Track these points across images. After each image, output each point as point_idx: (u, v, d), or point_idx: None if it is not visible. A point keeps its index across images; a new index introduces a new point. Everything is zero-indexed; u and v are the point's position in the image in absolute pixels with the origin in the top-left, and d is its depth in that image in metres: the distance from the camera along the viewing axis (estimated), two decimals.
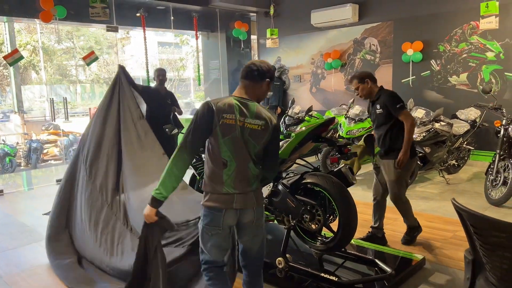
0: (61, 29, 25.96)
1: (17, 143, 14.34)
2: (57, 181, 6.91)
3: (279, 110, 9.41)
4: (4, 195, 6.25)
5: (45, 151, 14.36)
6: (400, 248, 3.79)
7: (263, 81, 2.28)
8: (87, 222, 3.52)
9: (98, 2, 5.52)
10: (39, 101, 24.04)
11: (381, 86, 3.77)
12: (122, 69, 4.27)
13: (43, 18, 6.44)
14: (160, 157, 3.62)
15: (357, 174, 4.46)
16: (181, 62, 28.78)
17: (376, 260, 3.33)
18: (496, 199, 4.85)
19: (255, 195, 2.30)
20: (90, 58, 7.05)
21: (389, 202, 3.85)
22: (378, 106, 3.67)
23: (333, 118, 3.41)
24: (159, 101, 5.34)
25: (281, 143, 3.72)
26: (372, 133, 3.96)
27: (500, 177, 4.90)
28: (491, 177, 5.01)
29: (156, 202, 2.22)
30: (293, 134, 3.50)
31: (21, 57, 6.21)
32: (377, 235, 3.90)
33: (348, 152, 3.33)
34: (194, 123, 2.19)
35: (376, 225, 3.93)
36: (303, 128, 3.54)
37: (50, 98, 7.38)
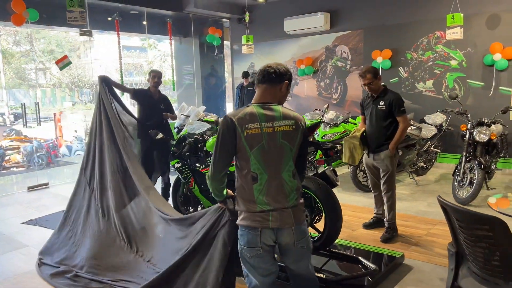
0: (19, 31, 25.08)
1: None
2: (29, 188, 6.73)
3: None
4: None
5: (7, 157, 13.82)
6: (379, 246, 3.99)
7: (282, 83, 2.13)
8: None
9: (76, 6, 5.45)
10: None
11: (385, 85, 4.11)
12: (101, 80, 4.26)
13: (15, 21, 6.27)
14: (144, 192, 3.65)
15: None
16: (149, 66, 28.43)
17: (360, 258, 3.50)
18: (463, 198, 5.18)
19: (293, 212, 2.08)
20: (63, 62, 6.91)
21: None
22: (382, 103, 4.00)
23: (318, 123, 3.58)
24: (152, 106, 5.03)
25: None
26: (359, 127, 4.20)
27: (467, 177, 5.24)
28: (458, 178, 5.33)
29: (219, 201, 2.40)
30: None
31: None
32: (381, 218, 4.37)
33: (334, 155, 3.49)
34: (218, 144, 2.07)
35: (380, 212, 4.42)
36: None
37: (22, 103, 7.17)
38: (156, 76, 5.31)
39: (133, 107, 5.62)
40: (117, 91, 4.47)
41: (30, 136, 15.49)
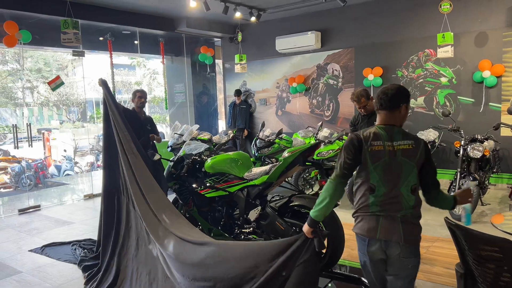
0: (7, 51, 24.95)
1: None
2: (20, 210, 6.59)
3: (246, 132, 9.58)
4: None
5: None
6: None
7: (400, 107, 2.28)
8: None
9: (70, 28, 5.44)
10: None
11: None
12: (104, 85, 4.20)
13: (7, 43, 6.22)
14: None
15: None
16: (138, 85, 28.47)
17: (362, 278, 3.48)
18: (459, 214, 5.18)
19: (403, 227, 2.17)
20: (56, 83, 6.87)
21: None
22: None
23: (319, 143, 3.60)
24: (139, 127, 4.87)
25: (267, 167, 3.84)
26: None
27: None
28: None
29: (314, 223, 2.33)
30: (280, 158, 3.62)
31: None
32: None
33: None
34: (344, 156, 2.26)
35: None
36: (286, 154, 3.68)
37: (13, 124, 7.06)
38: (142, 96, 5.20)
39: None
40: None
41: (18, 156, 15.26)
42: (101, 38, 8.23)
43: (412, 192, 2.21)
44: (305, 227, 2.36)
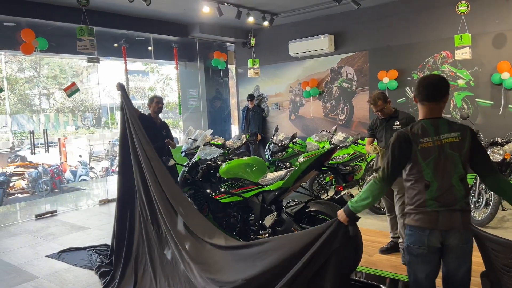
0: (24, 58, 25.44)
1: None
2: (36, 216, 6.65)
3: (259, 137, 9.54)
4: None
5: (11, 184, 13.76)
6: (399, 272, 3.88)
7: (445, 97, 2.28)
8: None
9: (86, 35, 5.49)
10: (1, 132, 23.14)
11: (394, 107, 4.18)
12: (122, 88, 4.22)
13: (24, 50, 6.32)
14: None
15: None
16: (152, 91, 28.70)
17: (382, 286, 3.40)
18: (480, 220, 5.08)
19: (462, 216, 2.19)
20: (71, 89, 6.95)
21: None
22: (397, 123, 4.01)
23: (335, 147, 3.54)
24: (154, 133, 4.91)
25: (282, 172, 3.80)
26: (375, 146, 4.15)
27: (482, 198, 5.15)
28: (474, 199, 5.24)
29: (351, 214, 2.35)
30: (296, 163, 3.57)
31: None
32: (398, 243, 4.16)
33: (352, 180, 3.44)
34: (392, 155, 2.24)
35: (396, 235, 4.21)
36: (302, 158, 3.62)
37: (30, 131, 7.16)
38: (160, 102, 5.26)
39: None
40: None
41: (35, 161, 15.47)
42: (115, 45, 8.31)
43: (461, 182, 2.23)
44: (342, 215, 2.39)
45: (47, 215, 6.75)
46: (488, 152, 5.27)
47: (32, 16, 6.47)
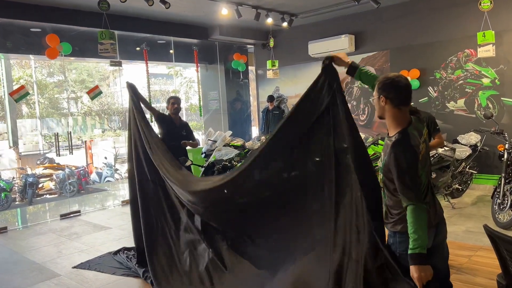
0: (53, 63, 26.21)
1: (13, 178, 14.20)
2: (61, 216, 6.85)
3: None
4: (8, 232, 6.16)
5: (40, 185, 14.22)
6: None
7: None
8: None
9: (107, 38, 5.64)
10: (31, 135, 23.95)
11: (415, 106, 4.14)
12: (131, 88, 4.31)
13: (49, 55, 6.53)
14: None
15: None
16: (175, 94, 29.08)
17: None
18: (505, 222, 4.91)
19: (441, 207, 2.24)
20: (94, 92, 7.13)
21: None
22: None
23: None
24: (174, 133, 5.04)
25: None
26: None
27: (507, 200, 4.98)
28: (498, 201, 5.08)
29: (423, 257, 1.98)
30: None
31: (27, 93, 6.23)
32: None
33: None
34: (412, 173, 2.01)
35: None
36: None
37: (55, 133, 7.39)
38: (175, 103, 5.30)
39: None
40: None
41: (63, 163, 15.94)
42: (137, 48, 8.48)
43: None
44: (415, 269, 1.97)
45: (71, 215, 6.94)
46: None
47: (57, 22, 6.69)
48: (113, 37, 5.69)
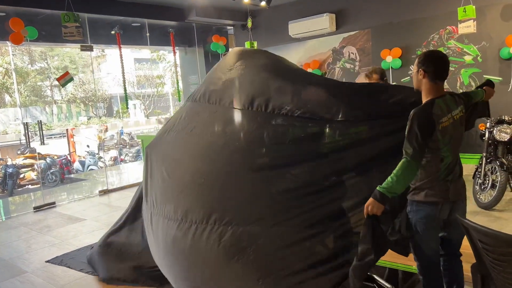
0: (34, 50, 25.49)
1: None
2: (34, 208, 6.61)
3: None
4: None
5: (21, 175, 13.90)
6: (394, 261, 3.68)
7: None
8: None
9: (71, 21, 5.32)
10: (14, 124, 23.41)
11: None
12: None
13: (14, 40, 6.18)
14: None
15: None
16: (160, 79, 28.57)
17: (374, 276, 3.22)
18: (486, 202, 4.83)
19: (463, 187, 2.38)
20: (65, 79, 6.82)
21: None
22: None
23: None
24: None
25: None
26: None
27: (488, 180, 4.89)
28: (479, 181, 4.99)
29: (383, 198, 2.21)
30: None
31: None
32: None
33: None
34: (421, 133, 2.16)
35: None
36: None
37: (24, 122, 7.08)
38: None
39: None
40: None
41: (44, 153, 15.58)
42: (112, 32, 8.12)
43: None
44: (373, 203, 2.21)
45: (46, 207, 6.71)
46: (495, 132, 4.98)
47: (20, 4, 6.31)
48: (77, 20, 5.37)
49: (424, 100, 2.29)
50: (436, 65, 2.24)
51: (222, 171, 2.75)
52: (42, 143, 7.27)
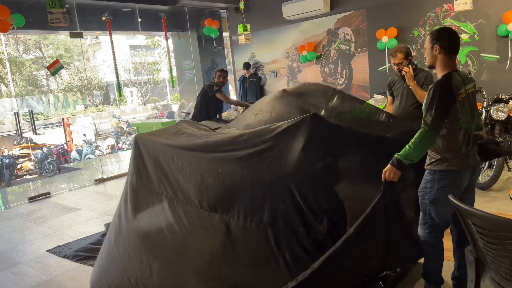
0: (27, 38, 25.09)
1: None
2: (29, 198, 6.56)
3: None
4: None
5: (18, 166, 13.83)
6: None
7: None
8: None
9: (57, 7, 5.18)
10: (10, 115, 23.25)
11: (416, 64, 4.07)
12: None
13: (0, 28, 6.04)
14: None
15: None
16: (155, 66, 28.26)
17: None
18: (484, 182, 4.77)
19: (476, 154, 2.49)
20: (55, 67, 6.68)
21: None
22: (415, 81, 3.89)
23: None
24: (213, 104, 6.00)
25: None
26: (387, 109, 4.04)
27: None
28: None
29: (401, 165, 2.37)
30: None
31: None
32: None
33: None
34: (441, 102, 2.29)
35: None
36: None
37: (15, 112, 6.99)
38: (222, 76, 6.02)
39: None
40: None
41: (40, 142, 15.49)
42: (103, 18, 7.95)
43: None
44: (391, 169, 2.38)
45: (41, 198, 6.65)
46: (491, 110, 4.91)
47: None
48: (63, 5, 5.22)
49: (440, 74, 2.42)
50: (450, 40, 2.38)
51: None
52: (34, 132, 7.22)
